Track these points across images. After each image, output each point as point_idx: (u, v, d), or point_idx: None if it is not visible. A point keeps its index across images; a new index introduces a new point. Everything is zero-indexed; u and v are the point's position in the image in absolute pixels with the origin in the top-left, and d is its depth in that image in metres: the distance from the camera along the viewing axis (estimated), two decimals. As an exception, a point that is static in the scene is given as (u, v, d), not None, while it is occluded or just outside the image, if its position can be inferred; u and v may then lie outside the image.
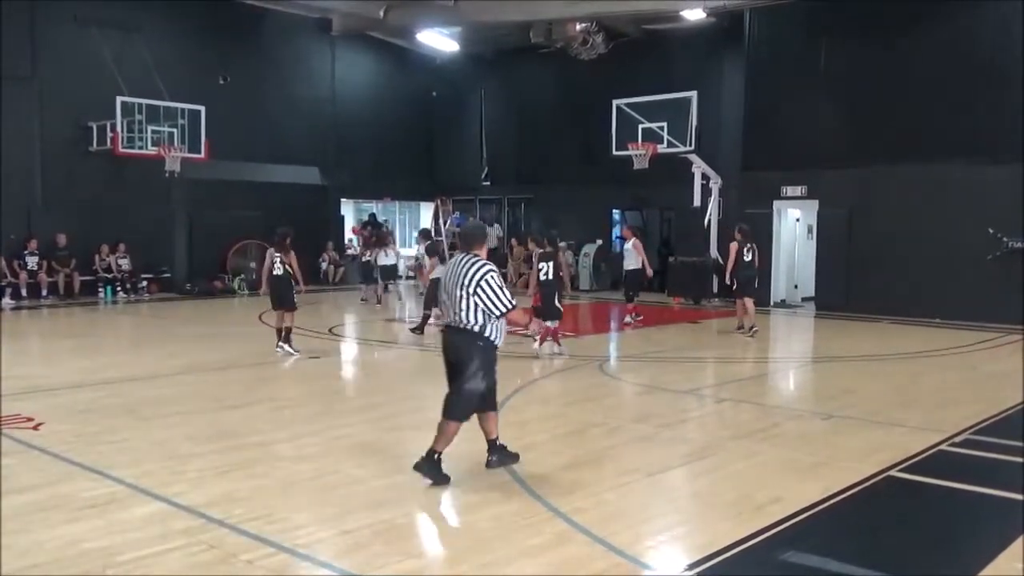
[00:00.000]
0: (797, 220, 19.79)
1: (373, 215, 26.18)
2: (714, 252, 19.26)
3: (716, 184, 19.61)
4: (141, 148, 19.12)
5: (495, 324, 5.93)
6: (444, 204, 25.27)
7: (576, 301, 19.49)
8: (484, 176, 26.31)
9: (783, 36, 19.12)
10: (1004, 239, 15.62)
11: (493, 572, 4.47)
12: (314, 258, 23.42)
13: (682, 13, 19.94)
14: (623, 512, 5.45)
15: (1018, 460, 6.70)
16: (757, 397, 9.56)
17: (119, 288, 19.82)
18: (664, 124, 19.19)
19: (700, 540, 4.97)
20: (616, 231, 24.05)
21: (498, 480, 5.98)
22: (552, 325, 11.76)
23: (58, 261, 19.07)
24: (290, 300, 11.67)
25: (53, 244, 19.03)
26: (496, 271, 5.99)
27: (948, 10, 16.56)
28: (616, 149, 19.69)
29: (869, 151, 17.16)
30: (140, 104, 19.01)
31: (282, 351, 11.56)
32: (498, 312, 5.86)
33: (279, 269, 11.64)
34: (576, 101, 23.21)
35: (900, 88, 17.01)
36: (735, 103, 20.04)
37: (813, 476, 6.19)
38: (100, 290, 19.65)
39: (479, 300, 5.83)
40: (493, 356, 6.00)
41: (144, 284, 20.30)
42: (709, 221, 19.60)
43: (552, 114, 24.17)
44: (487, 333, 5.89)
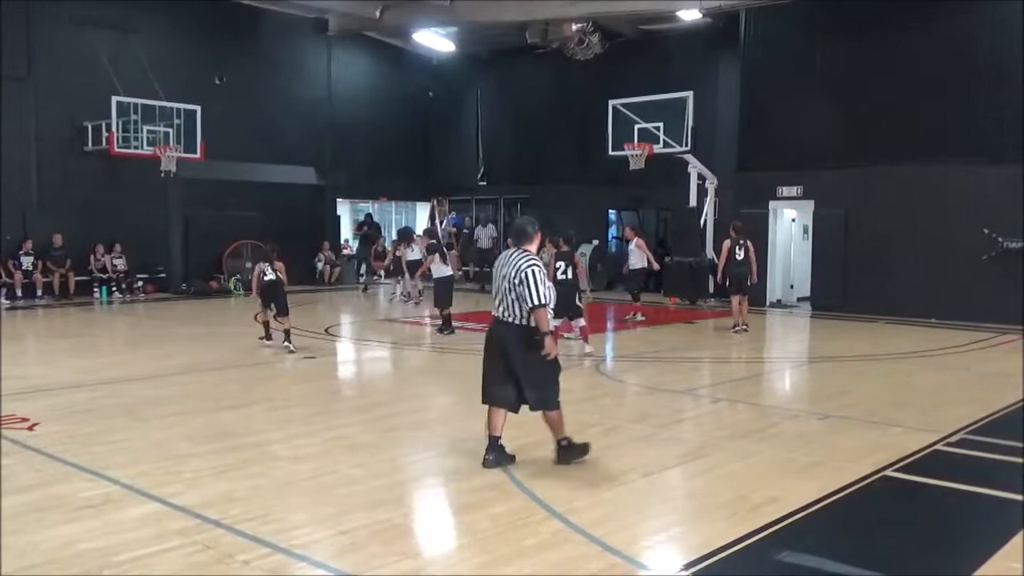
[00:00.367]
0: (793, 220, 19.80)
1: (369, 215, 26.16)
2: (710, 252, 19.27)
3: (712, 184, 19.64)
4: (137, 148, 19.04)
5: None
6: (440, 204, 25.29)
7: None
8: (480, 176, 26.29)
9: (779, 36, 19.11)
10: (999, 239, 15.64)
11: (490, 572, 4.47)
12: (310, 258, 23.45)
13: (678, 13, 20.01)
14: (619, 512, 5.46)
15: (1014, 460, 6.72)
16: (753, 397, 9.58)
17: (115, 288, 19.78)
18: (660, 124, 19.17)
19: (696, 540, 4.97)
20: (612, 231, 24.09)
21: (495, 480, 5.98)
22: (580, 324, 11.90)
23: (53, 261, 19.02)
24: (283, 305, 11.88)
25: (49, 244, 18.98)
26: (540, 266, 6.06)
27: (945, 10, 16.56)
28: (612, 149, 19.66)
29: (865, 151, 17.17)
30: (136, 104, 18.94)
31: (270, 344, 12.03)
32: (529, 304, 5.91)
33: (271, 275, 11.87)
34: (572, 101, 23.21)
35: (895, 88, 17.02)
36: (731, 103, 20.07)
37: (809, 476, 6.20)
38: (96, 290, 19.61)
39: (520, 292, 5.90)
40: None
41: (140, 284, 20.26)
42: (705, 221, 19.62)
43: (548, 114, 24.16)
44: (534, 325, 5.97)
